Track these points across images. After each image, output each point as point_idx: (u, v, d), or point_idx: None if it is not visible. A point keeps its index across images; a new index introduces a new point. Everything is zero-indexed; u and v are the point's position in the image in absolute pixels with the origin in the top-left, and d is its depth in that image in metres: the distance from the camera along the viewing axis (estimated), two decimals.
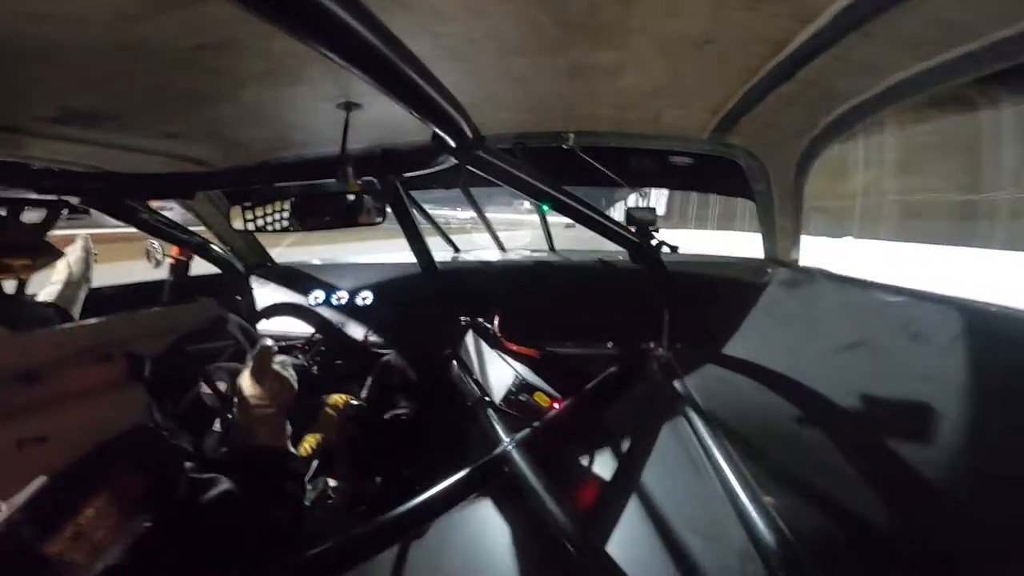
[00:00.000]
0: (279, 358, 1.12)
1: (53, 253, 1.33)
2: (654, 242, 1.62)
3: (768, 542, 0.77)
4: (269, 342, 1.10)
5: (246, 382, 1.04)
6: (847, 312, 1.20)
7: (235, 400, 1.05)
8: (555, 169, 1.47)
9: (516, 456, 1.17)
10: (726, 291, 1.74)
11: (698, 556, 0.89)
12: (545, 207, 2.16)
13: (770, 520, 0.79)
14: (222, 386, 1.19)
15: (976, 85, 0.88)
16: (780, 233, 1.66)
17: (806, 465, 0.92)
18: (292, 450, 1.10)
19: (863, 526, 0.74)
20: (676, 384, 1.40)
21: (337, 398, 1.49)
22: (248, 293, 2.29)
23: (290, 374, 1.10)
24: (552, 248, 2.50)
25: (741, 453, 0.99)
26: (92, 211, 1.50)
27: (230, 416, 1.08)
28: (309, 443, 1.26)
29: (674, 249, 1.69)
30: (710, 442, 1.05)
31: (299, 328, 2.21)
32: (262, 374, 1.04)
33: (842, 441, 0.91)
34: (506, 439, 1.26)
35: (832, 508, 0.80)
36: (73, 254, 1.46)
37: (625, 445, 1.32)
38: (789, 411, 1.07)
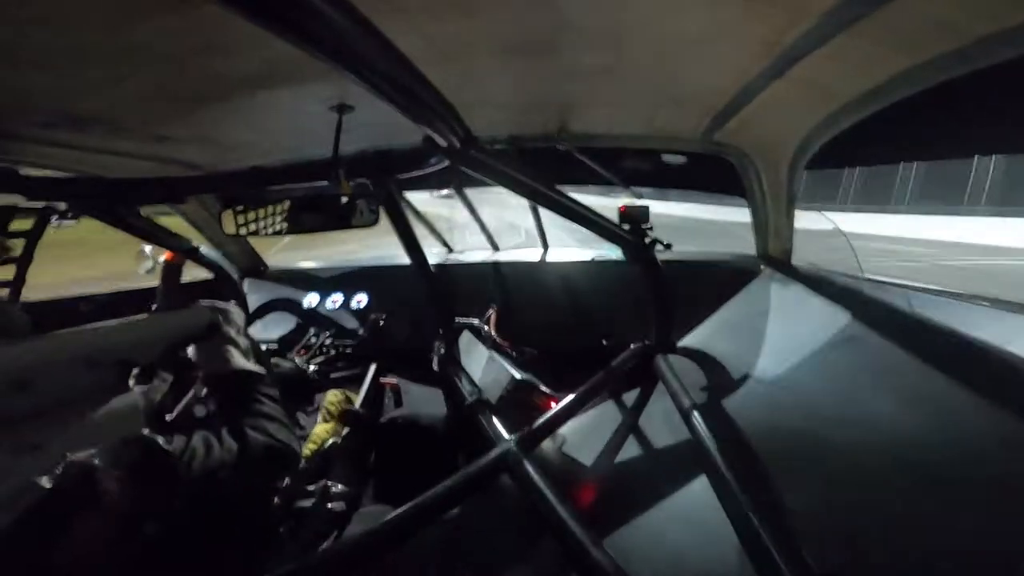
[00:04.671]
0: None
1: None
2: (648, 240, 1.62)
3: (765, 539, 0.77)
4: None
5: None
6: (839, 308, 1.21)
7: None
8: (549, 169, 1.47)
9: (515, 455, 1.17)
10: (719, 288, 1.75)
11: (696, 553, 0.89)
12: None
13: (766, 517, 0.79)
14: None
15: None
16: (772, 231, 1.67)
17: (801, 461, 0.92)
18: (258, 369, 1.09)
19: (860, 523, 0.74)
20: (671, 380, 1.40)
21: (333, 396, 1.51)
22: (242, 297, 2.27)
23: (230, 306, 1.10)
24: (546, 246, 2.50)
25: (736, 450, 0.99)
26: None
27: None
28: (319, 434, 1.29)
29: (668, 246, 1.70)
30: (705, 438, 1.06)
31: (294, 332, 2.20)
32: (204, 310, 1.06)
33: (836, 438, 0.91)
34: (504, 439, 1.26)
35: (828, 505, 0.81)
36: None
37: (621, 442, 1.32)
38: (783, 407, 1.08)
